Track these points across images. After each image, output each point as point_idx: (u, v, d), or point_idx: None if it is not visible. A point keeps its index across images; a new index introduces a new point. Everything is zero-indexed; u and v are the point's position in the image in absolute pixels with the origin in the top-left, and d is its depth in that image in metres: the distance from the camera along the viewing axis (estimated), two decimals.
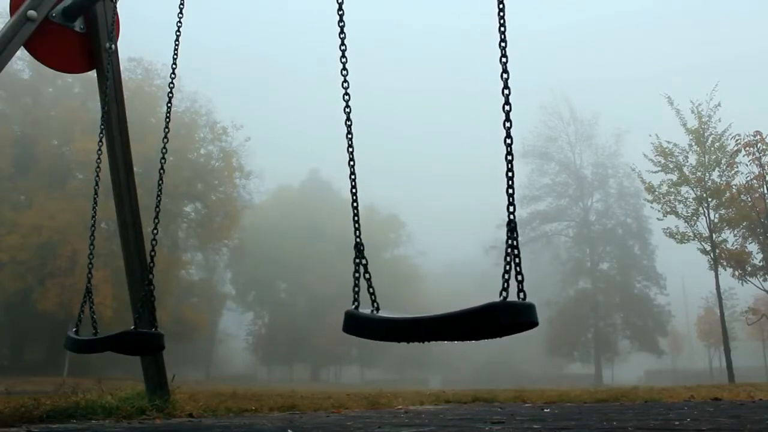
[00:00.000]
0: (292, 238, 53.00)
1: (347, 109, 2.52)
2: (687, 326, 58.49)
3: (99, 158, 4.01)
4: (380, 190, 64.81)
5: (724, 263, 21.62)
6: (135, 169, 4.63)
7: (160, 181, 3.65)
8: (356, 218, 2.46)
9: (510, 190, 1.96)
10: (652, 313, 45.73)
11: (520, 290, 1.87)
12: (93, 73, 4.66)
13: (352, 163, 2.49)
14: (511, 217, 1.91)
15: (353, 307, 2.22)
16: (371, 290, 2.27)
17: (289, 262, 53.22)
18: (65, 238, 29.30)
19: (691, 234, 21.97)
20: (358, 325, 2.17)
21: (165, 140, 3.66)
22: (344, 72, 2.53)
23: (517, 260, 1.89)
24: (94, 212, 3.97)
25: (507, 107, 2.01)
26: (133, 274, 4.39)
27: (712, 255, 21.38)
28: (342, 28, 2.56)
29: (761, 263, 21.63)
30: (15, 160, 31.49)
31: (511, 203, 1.93)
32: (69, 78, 31.57)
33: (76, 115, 32.12)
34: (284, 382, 42.78)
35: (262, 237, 50.53)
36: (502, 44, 2.06)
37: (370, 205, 63.68)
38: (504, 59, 2.05)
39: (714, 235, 21.50)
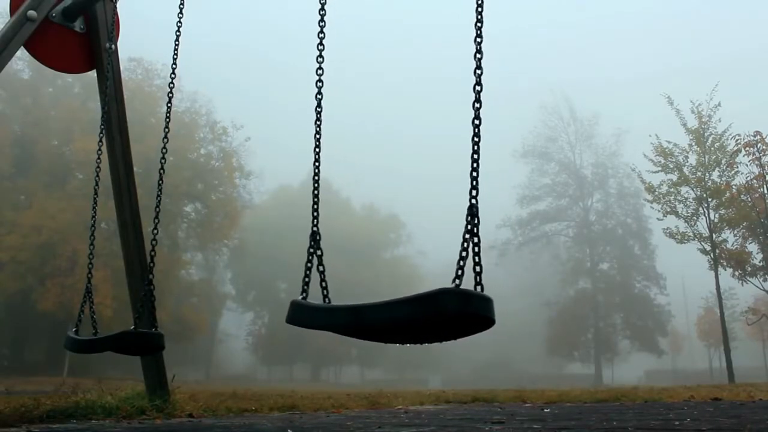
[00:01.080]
0: (292, 238, 52.91)
1: (319, 96, 2.47)
2: (687, 326, 58.51)
3: (99, 158, 4.02)
4: (380, 190, 64.94)
5: (724, 263, 21.63)
6: (135, 169, 4.63)
7: (160, 181, 3.65)
8: (315, 207, 2.37)
9: (474, 173, 1.86)
10: (652, 313, 45.73)
11: (478, 283, 1.75)
12: (93, 73, 4.66)
13: (317, 149, 2.48)
14: (473, 201, 1.82)
15: (300, 297, 2.11)
16: (324, 284, 2.18)
17: (289, 262, 53.16)
18: (65, 238, 29.28)
19: (691, 234, 21.98)
20: (300, 315, 2.04)
21: (165, 140, 3.67)
22: (320, 71, 2.49)
23: (476, 249, 1.77)
24: (94, 212, 3.97)
25: (477, 104, 1.94)
26: (133, 274, 4.39)
27: (712, 255, 21.39)
28: (322, 28, 2.53)
29: (761, 263, 21.63)
30: (15, 160, 31.48)
31: (474, 187, 1.84)
32: (69, 78, 31.58)
33: (76, 115, 32.12)
34: (284, 382, 42.79)
35: (262, 237, 50.54)
36: (478, 39, 2.00)
37: (370, 205, 63.80)
38: (479, 55, 1.98)
39: (714, 235, 21.50)
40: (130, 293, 4.39)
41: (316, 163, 2.48)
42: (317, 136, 2.48)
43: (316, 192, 2.42)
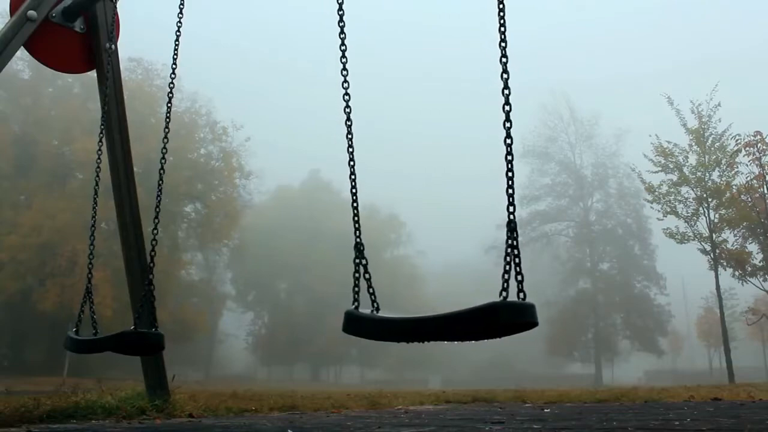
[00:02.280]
0: (292, 238, 52.97)
1: (347, 109, 2.51)
2: (687, 326, 58.52)
3: (99, 158, 4.01)
4: (380, 190, 64.84)
5: (724, 263, 21.64)
6: (135, 169, 4.63)
7: (160, 181, 3.64)
8: (356, 218, 2.46)
9: (510, 190, 1.96)
10: (652, 313, 45.72)
11: (520, 290, 1.87)
12: (93, 73, 4.66)
13: (352, 163, 2.49)
14: (512, 217, 1.92)
15: (353, 307, 2.22)
16: (371, 290, 2.26)
17: (289, 262, 53.22)
18: (65, 238, 29.27)
19: (691, 234, 22.00)
20: (358, 325, 2.17)
21: (165, 140, 3.66)
22: (344, 72, 2.53)
23: (517, 260, 1.90)
24: (94, 212, 3.97)
25: (507, 107, 2.01)
26: (133, 274, 4.39)
27: (712, 255, 21.39)
28: (342, 28, 2.56)
29: (761, 263, 21.64)
30: (15, 160, 31.45)
31: (511, 203, 1.94)
32: (69, 78, 31.55)
33: (76, 115, 32.10)
34: (284, 382, 42.75)
35: (262, 237, 50.51)
36: (503, 44, 2.06)
37: (370, 205, 63.63)
38: (504, 59, 2.05)
39: (714, 235, 21.50)
40: (130, 293, 4.39)
41: (352, 176, 2.49)
42: (350, 149, 2.49)
43: (355, 204, 2.50)
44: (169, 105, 3.84)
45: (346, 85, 2.52)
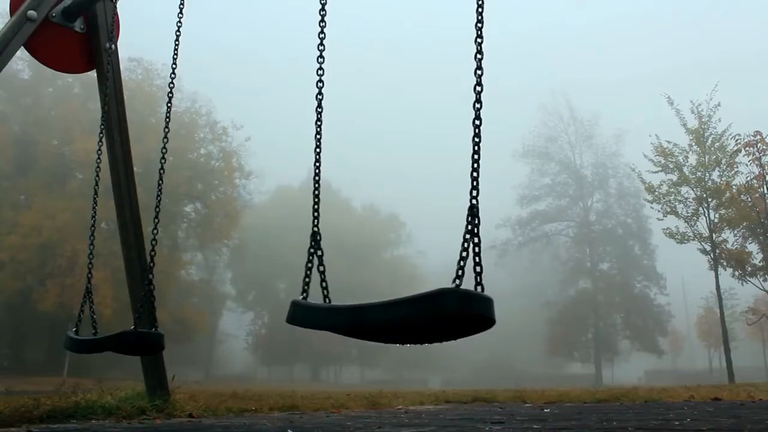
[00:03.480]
0: (292, 238, 52.92)
1: (319, 96, 2.47)
2: (687, 326, 58.50)
3: (99, 158, 4.02)
4: (380, 190, 64.93)
5: (724, 263, 21.63)
6: (135, 169, 4.63)
7: (160, 181, 3.65)
8: (316, 207, 2.38)
9: (475, 174, 1.85)
10: (652, 313, 45.74)
11: (478, 283, 1.73)
12: (93, 73, 4.66)
13: (318, 149, 2.48)
14: (474, 202, 1.81)
15: (301, 297, 2.11)
16: (324, 284, 2.18)
17: (289, 262, 53.18)
18: (65, 238, 29.27)
19: (691, 234, 21.99)
20: (300, 314, 2.05)
21: (165, 140, 3.67)
22: (320, 71, 2.48)
23: (477, 249, 1.76)
24: (94, 212, 3.97)
25: (478, 105, 1.93)
26: (133, 274, 4.39)
27: (712, 255, 21.39)
28: (323, 28, 2.53)
29: (761, 263, 21.64)
30: (15, 160, 31.46)
31: (475, 187, 1.83)
32: (69, 78, 31.55)
33: (76, 115, 32.10)
34: (284, 382, 42.75)
35: (262, 237, 50.52)
36: (479, 40, 1.98)
37: (370, 205, 63.80)
38: (480, 56, 1.97)
39: (714, 235, 21.50)
40: (130, 293, 4.39)
41: (317, 164, 2.47)
42: (318, 137, 2.48)
43: (316, 192, 2.43)
44: (169, 105, 3.84)
45: (320, 84, 2.48)
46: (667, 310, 46.90)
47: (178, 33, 3.81)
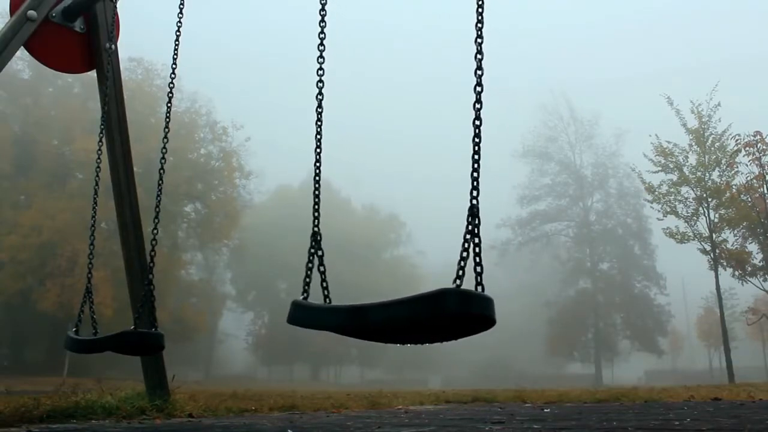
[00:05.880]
0: (292, 238, 52.92)
1: (320, 96, 2.47)
2: (687, 326, 58.51)
3: (99, 158, 4.02)
4: (380, 190, 64.94)
5: (724, 263, 21.63)
6: (135, 169, 4.63)
7: (160, 181, 3.65)
8: (316, 207, 2.38)
9: (475, 174, 1.85)
10: (652, 313, 45.72)
11: (479, 283, 1.74)
12: (93, 73, 4.66)
13: (318, 150, 2.48)
14: (474, 202, 1.82)
15: (301, 298, 2.12)
16: (324, 284, 2.18)
17: (289, 262, 53.18)
18: (65, 238, 29.27)
19: (691, 234, 21.99)
20: (301, 315, 2.05)
21: (165, 140, 3.67)
22: (320, 71, 2.48)
23: (477, 249, 1.77)
24: (94, 212, 3.97)
25: (478, 105, 1.93)
26: (133, 274, 4.39)
27: (712, 255, 21.39)
28: (323, 29, 2.53)
29: (761, 263, 21.64)
30: (15, 160, 31.45)
31: (475, 188, 1.83)
32: (69, 78, 31.55)
33: (76, 115, 32.09)
34: (284, 382, 42.77)
35: (262, 237, 50.52)
36: (479, 40, 1.98)
37: (370, 205, 63.80)
38: (480, 56, 1.97)
39: (714, 235, 21.50)
40: (130, 293, 4.39)
41: (317, 164, 2.47)
42: (318, 137, 2.48)
43: (317, 193, 2.43)
44: (169, 105, 3.84)
45: (321, 84, 2.48)
46: (667, 310, 46.91)
47: (178, 33, 3.81)
